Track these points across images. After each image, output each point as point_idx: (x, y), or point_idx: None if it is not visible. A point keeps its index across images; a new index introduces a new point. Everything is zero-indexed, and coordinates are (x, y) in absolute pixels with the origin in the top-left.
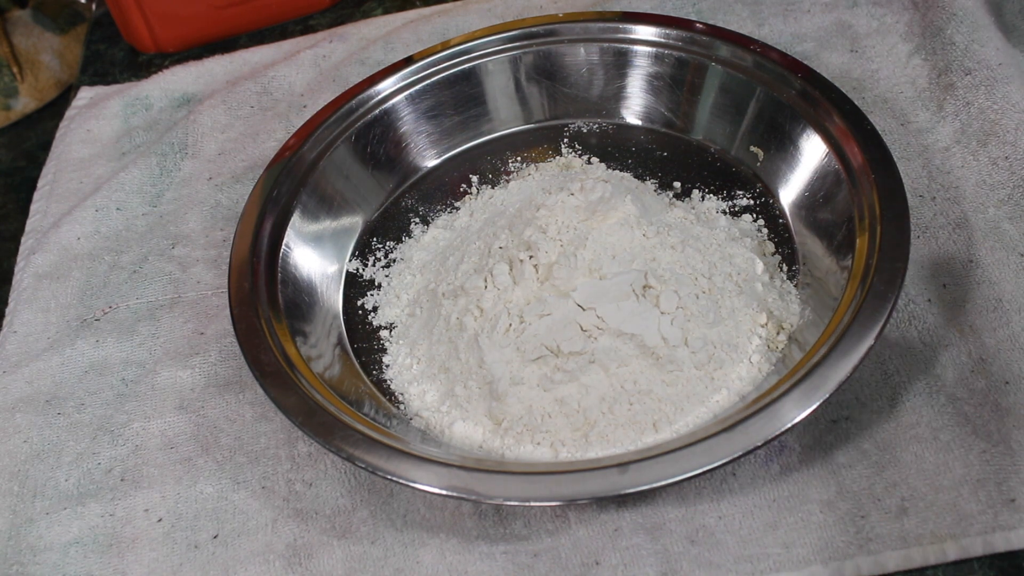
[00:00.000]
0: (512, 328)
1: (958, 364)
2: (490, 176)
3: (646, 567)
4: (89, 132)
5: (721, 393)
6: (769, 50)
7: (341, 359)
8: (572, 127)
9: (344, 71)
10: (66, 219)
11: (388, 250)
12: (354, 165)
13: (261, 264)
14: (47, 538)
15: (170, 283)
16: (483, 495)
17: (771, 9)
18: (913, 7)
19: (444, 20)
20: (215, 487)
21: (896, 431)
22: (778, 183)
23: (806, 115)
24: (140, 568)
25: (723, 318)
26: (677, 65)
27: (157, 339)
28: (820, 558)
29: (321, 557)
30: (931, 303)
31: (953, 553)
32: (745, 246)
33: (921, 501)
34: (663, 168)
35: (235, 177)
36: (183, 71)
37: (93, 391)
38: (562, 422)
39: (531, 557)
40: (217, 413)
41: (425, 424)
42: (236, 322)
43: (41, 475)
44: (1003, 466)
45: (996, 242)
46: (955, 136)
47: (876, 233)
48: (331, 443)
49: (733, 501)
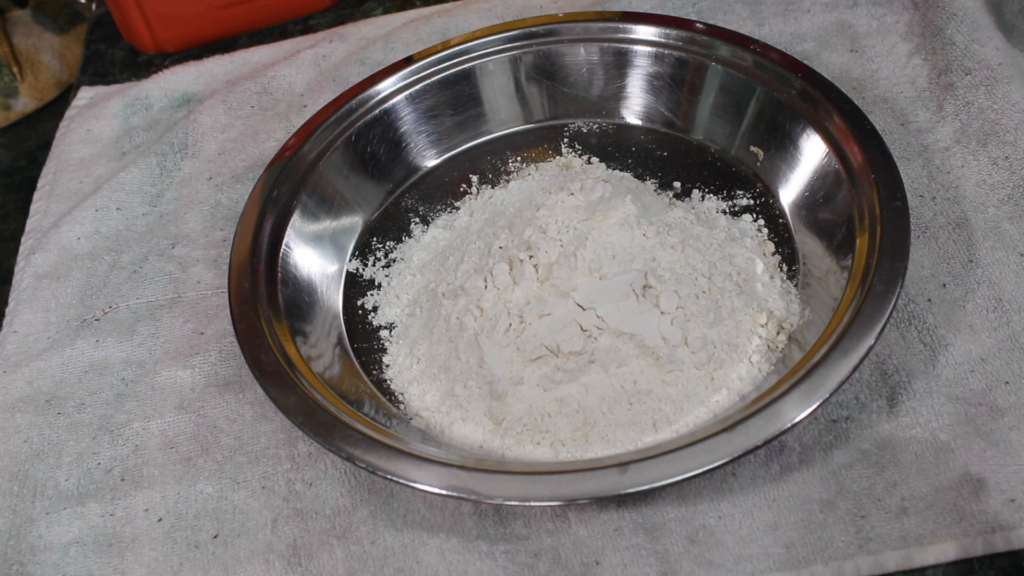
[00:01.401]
0: (512, 328)
1: (958, 364)
2: (490, 176)
3: (646, 567)
4: (89, 132)
5: (721, 393)
6: (769, 50)
7: (341, 359)
8: (572, 127)
9: (344, 71)
10: (66, 219)
11: (388, 250)
12: (354, 165)
13: (261, 264)
14: (47, 538)
15: (170, 283)
16: (483, 495)
17: (771, 9)
18: (913, 7)
19: (444, 20)
20: (215, 487)
21: (896, 431)
22: (778, 183)
23: (806, 115)
24: (140, 568)
25: (723, 318)
26: (677, 65)
27: (157, 339)
28: (820, 558)
29: (321, 557)
30: (931, 303)
31: (953, 553)
32: (745, 246)
33: (921, 501)
34: (663, 168)
35: (235, 177)
36: (183, 71)
37: (93, 391)
38: (562, 422)
39: (531, 557)
40: (217, 413)
41: (425, 424)
42: (236, 322)
43: (41, 475)
44: (1003, 466)
45: (996, 242)
46: (955, 136)
47: (876, 233)
48: (331, 443)
49: (733, 501)
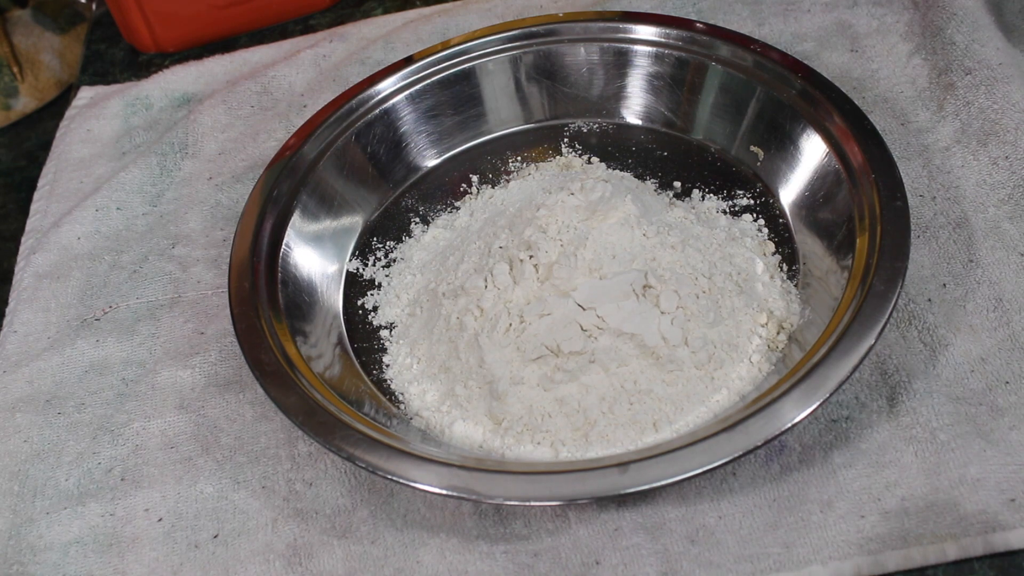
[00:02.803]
0: (512, 328)
1: (958, 364)
2: (490, 176)
3: (646, 567)
4: (89, 132)
5: (721, 393)
6: (769, 50)
7: (341, 359)
8: (572, 127)
9: (344, 71)
10: (66, 219)
11: (388, 250)
12: (354, 165)
13: (261, 264)
14: (47, 538)
15: (170, 283)
16: (483, 495)
17: (771, 9)
18: (913, 7)
19: (444, 20)
20: (215, 487)
21: (895, 431)
22: (778, 183)
23: (806, 115)
24: (140, 568)
25: (723, 318)
26: (677, 65)
27: (157, 339)
28: (820, 558)
29: (321, 557)
30: (931, 303)
31: (953, 553)
32: (745, 246)
33: (921, 501)
34: (663, 168)
35: (235, 177)
36: (183, 71)
37: (93, 391)
38: (562, 422)
39: (531, 557)
40: (217, 413)
41: (425, 424)
42: (236, 322)
43: (41, 475)
44: (1003, 466)
45: (996, 242)
46: (955, 136)
47: (876, 233)
48: (331, 443)
49: (733, 501)
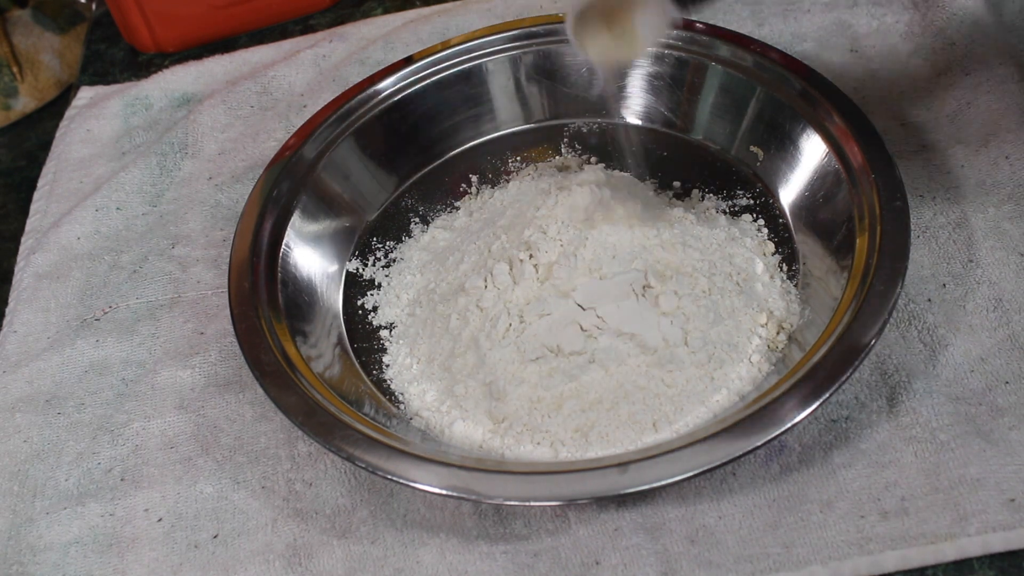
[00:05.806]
0: (512, 328)
1: (957, 364)
2: (490, 176)
3: (646, 567)
4: (89, 132)
5: (721, 393)
6: (769, 50)
7: (341, 359)
8: (572, 127)
9: (344, 71)
10: (66, 219)
11: (388, 250)
12: (354, 165)
13: (261, 264)
14: (47, 538)
15: (170, 283)
16: (483, 495)
17: (771, 9)
18: (913, 7)
19: (444, 20)
20: (215, 487)
21: (895, 431)
22: (778, 183)
23: (806, 115)
24: (140, 568)
25: (723, 318)
26: (677, 65)
27: (157, 339)
28: (819, 558)
29: (321, 557)
30: (931, 303)
31: (952, 553)
32: (745, 246)
33: (920, 501)
34: (663, 168)
35: (235, 177)
36: (183, 71)
37: (93, 391)
38: (562, 422)
39: (531, 557)
40: (217, 413)
41: (425, 424)
42: (236, 322)
43: (41, 475)
44: (1002, 466)
45: (996, 242)
46: (955, 136)
47: (876, 233)
48: (331, 443)
49: (733, 501)
